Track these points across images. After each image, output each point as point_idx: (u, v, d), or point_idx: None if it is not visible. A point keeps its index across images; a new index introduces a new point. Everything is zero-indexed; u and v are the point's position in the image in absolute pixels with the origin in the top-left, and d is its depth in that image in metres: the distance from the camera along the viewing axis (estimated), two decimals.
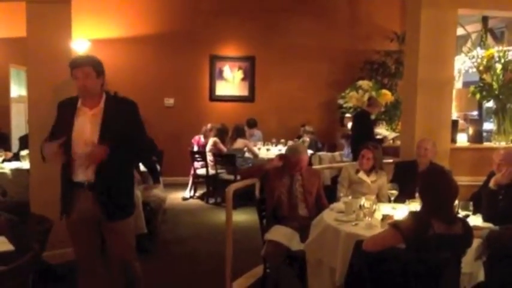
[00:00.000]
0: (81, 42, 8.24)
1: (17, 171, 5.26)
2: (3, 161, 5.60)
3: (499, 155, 3.55)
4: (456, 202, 2.65)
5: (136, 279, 3.09)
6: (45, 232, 2.86)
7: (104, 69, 2.96)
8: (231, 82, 9.46)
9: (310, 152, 7.80)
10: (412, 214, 2.58)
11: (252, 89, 9.54)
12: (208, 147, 7.51)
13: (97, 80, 2.89)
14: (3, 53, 7.57)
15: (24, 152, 5.44)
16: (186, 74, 9.12)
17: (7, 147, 6.09)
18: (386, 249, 2.63)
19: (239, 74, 9.47)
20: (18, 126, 7.59)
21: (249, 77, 9.50)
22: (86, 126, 2.88)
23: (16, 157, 5.73)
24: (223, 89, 9.44)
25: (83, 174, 2.87)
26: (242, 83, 9.51)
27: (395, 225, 2.52)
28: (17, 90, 8.02)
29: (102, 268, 3.05)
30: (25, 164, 5.26)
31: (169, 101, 9.01)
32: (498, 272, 2.79)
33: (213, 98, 9.41)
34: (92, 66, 2.87)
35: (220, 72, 9.39)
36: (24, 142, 5.56)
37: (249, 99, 9.54)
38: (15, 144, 6.59)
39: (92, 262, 3.01)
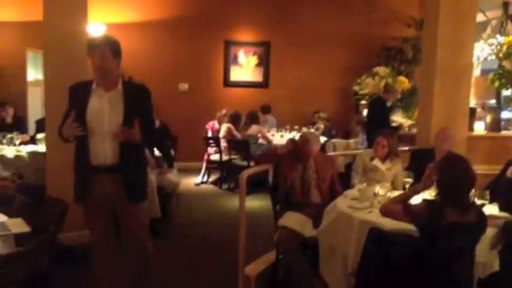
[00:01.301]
0: (96, 26, 8.25)
1: (33, 155, 5.33)
2: (20, 143, 5.67)
3: None
4: (473, 191, 2.62)
5: (149, 258, 3.14)
6: (61, 214, 2.91)
7: (120, 50, 2.98)
8: (245, 67, 9.42)
9: (324, 138, 7.78)
10: (426, 202, 2.57)
11: (266, 74, 9.49)
12: (222, 133, 7.52)
13: (113, 61, 2.90)
14: (20, 36, 7.64)
15: (40, 136, 5.50)
16: (201, 59, 9.11)
17: (24, 131, 6.16)
18: (400, 237, 2.63)
19: (254, 60, 9.42)
20: (35, 110, 7.67)
21: (264, 62, 9.44)
22: (104, 106, 2.88)
23: (33, 140, 5.80)
24: (237, 74, 9.40)
25: (104, 157, 2.87)
26: (257, 68, 9.47)
27: (409, 209, 2.53)
28: (34, 74, 8.09)
29: (116, 251, 3.07)
30: (41, 148, 5.32)
31: (184, 86, 9.01)
32: None
33: (228, 83, 9.39)
34: (109, 46, 2.89)
35: (235, 57, 9.35)
36: (40, 126, 5.62)
37: (264, 85, 9.49)
38: (31, 128, 6.66)
39: (107, 246, 3.03)
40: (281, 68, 9.43)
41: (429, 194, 2.88)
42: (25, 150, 5.41)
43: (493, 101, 6.75)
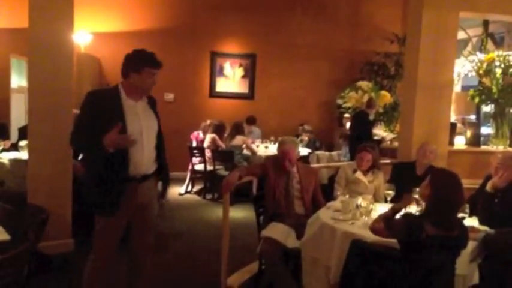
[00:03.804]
0: (82, 34, 8.23)
1: (15, 162, 5.26)
2: (2, 150, 5.59)
3: (497, 159, 3.56)
4: None
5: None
6: (42, 223, 2.88)
7: None
8: (231, 79, 9.46)
9: (308, 151, 7.84)
10: (405, 216, 2.58)
11: (252, 86, 9.55)
12: (206, 143, 7.52)
13: None
14: (4, 43, 7.55)
15: (22, 143, 5.44)
16: (187, 70, 9.12)
17: (6, 138, 6.08)
18: (381, 249, 2.65)
19: (240, 71, 9.48)
20: (18, 117, 7.58)
21: (250, 74, 9.50)
22: (140, 117, 2.93)
23: (15, 147, 5.73)
24: (223, 85, 9.44)
25: (142, 166, 2.91)
26: (242, 80, 9.52)
27: (389, 225, 2.55)
28: (17, 80, 8.00)
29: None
30: (23, 155, 5.26)
31: (169, 96, 9.01)
32: (493, 275, 2.80)
33: (213, 94, 9.41)
34: None
35: (221, 69, 9.39)
36: (23, 133, 5.56)
37: (249, 96, 9.54)
38: (14, 135, 6.58)
39: (112, 254, 2.97)
40: (266, 80, 9.49)
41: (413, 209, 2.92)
42: (7, 157, 5.34)
43: (473, 117, 6.90)
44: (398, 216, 2.70)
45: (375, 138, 7.36)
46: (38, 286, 3.22)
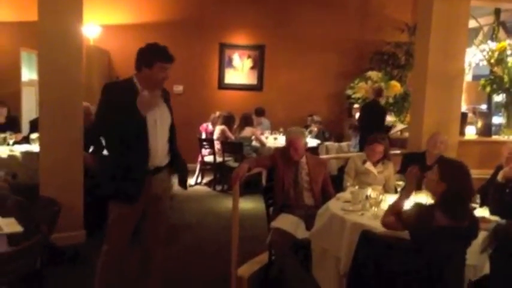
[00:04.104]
0: (92, 27, 8.25)
1: (27, 154, 5.30)
2: (14, 143, 5.65)
3: (508, 149, 3.54)
4: None
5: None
6: (54, 215, 2.91)
7: None
8: (240, 70, 9.45)
9: (317, 141, 7.83)
10: (415, 206, 2.58)
11: (260, 77, 9.52)
12: (215, 135, 7.54)
13: None
14: (14, 36, 7.60)
15: (34, 136, 5.49)
16: (196, 62, 9.12)
17: (17, 131, 6.14)
18: (391, 240, 2.65)
19: (248, 63, 9.45)
20: (29, 110, 7.64)
21: (258, 65, 9.47)
22: (158, 111, 2.97)
23: (26, 140, 5.79)
24: (232, 77, 9.43)
25: (157, 157, 2.96)
26: (251, 71, 9.49)
27: (400, 216, 2.55)
28: (28, 74, 8.06)
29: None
30: (35, 147, 5.31)
31: (179, 88, 9.02)
32: (504, 265, 2.79)
33: (222, 86, 9.41)
34: None
35: (230, 60, 9.38)
36: (34, 126, 5.60)
37: (258, 88, 9.52)
38: (25, 128, 6.64)
39: (126, 245, 3.00)
40: (275, 71, 9.46)
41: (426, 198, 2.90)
42: (18, 150, 5.39)
43: (484, 106, 6.84)
44: (407, 204, 2.70)
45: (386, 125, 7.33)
46: (50, 278, 3.26)
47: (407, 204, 2.75)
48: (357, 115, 8.15)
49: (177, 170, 3.20)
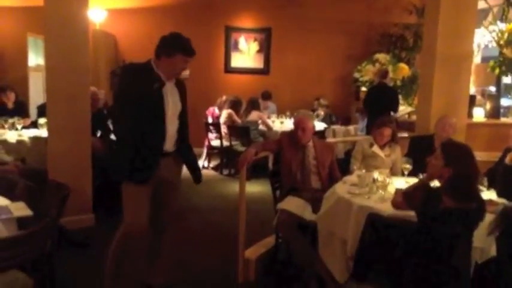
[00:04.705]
0: (97, 11, 8.23)
1: (35, 139, 5.34)
2: (22, 128, 5.69)
3: None
4: None
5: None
6: (63, 199, 2.94)
7: None
8: (246, 54, 9.40)
9: (324, 125, 7.81)
10: (422, 186, 2.58)
11: (267, 61, 9.47)
12: (222, 119, 7.54)
13: None
14: (20, 21, 7.61)
15: (42, 120, 5.52)
16: (202, 45, 8.92)
17: (25, 115, 6.17)
18: (397, 223, 2.66)
19: (254, 46, 9.39)
20: (36, 94, 7.68)
21: (265, 49, 9.42)
22: (169, 94, 3.00)
23: (34, 125, 5.83)
24: (238, 60, 9.38)
25: (170, 145, 3.04)
26: (257, 55, 9.44)
27: (406, 194, 2.55)
28: (35, 59, 8.08)
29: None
30: (43, 132, 5.34)
31: (185, 72, 8.94)
32: (510, 248, 2.79)
33: (228, 69, 9.38)
34: None
35: (236, 43, 9.32)
36: (42, 111, 5.63)
37: (264, 71, 9.48)
38: (33, 113, 6.68)
39: (145, 223, 3.00)
40: (282, 55, 9.40)
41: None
42: (27, 134, 5.43)
43: (493, 88, 6.77)
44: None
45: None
46: (61, 260, 3.31)
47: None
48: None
49: (191, 165, 3.28)
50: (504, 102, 6.61)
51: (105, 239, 3.11)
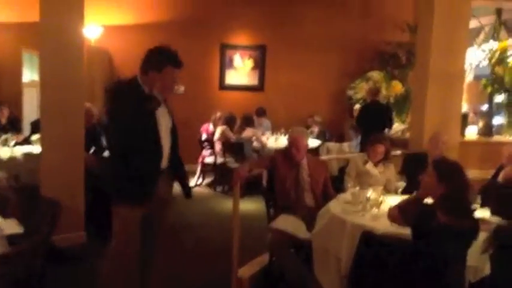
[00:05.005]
0: (93, 27, 8.26)
1: (28, 156, 5.32)
2: (15, 144, 5.66)
3: (509, 149, 3.53)
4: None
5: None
6: (55, 216, 2.91)
7: None
8: (241, 71, 9.44)
9: (318, 142, 7.82)
10: (417, 201, 2.59)
11: (262, 78, 9.51)
12: (216, 136, 7.53)
13: None
14: (15, 37, 7.61)
15: (35, 137, 5.50)
16: (197, 62, 9.09)
17: (19, 132, 6.15)
18: (391, 241, 2.65)
19: (249, 63, 9.45)
20: (30, 110, 7.65)
21: (259, 66, 9.47)
22: (162, 115, 2.94)
23: (27, 141, 5.79)
24: (233, 77, 9.42)
25: (165, 161, 2.98)
26: (252, 72, 9.49)
27: (401, 208, 2.56)
28: (29, 74, 8.07)
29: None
30: (36, 149, 5.32)
31: (180, 89, 8.99)
32: (504, 267, 2.79)
33: (223, 86, 9.40)
34: None
35: (231, 60, 9.37)
36: (35, 127, 5.61)
37: (259, 88, 9.51)
38: (26, 129, 6.65)
39: (137, 253, 2.97)
40: (276, 72, 9.45)
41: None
42: (20, 151, 5.40)
43: (485, 106, 6.82)
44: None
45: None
46: (50, 278, 3.26)
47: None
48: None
49: (181, 181, 3.23)
50: (496, 120, 6.66)
51: (97, 256, 3.07)
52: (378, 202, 3.18)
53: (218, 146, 7.43)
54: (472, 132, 5.73)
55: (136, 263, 3.01)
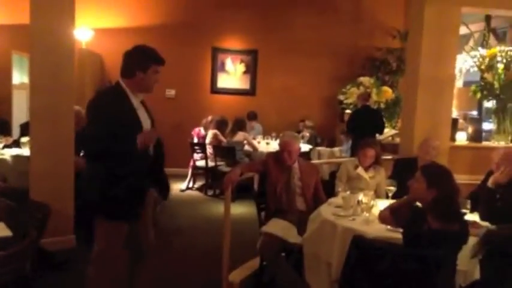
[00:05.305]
0: (84, 30, 8.22)
1: (17, 158, 5.26)
2: (4, 147, 5.60)
3: (498, 154, 3.56)
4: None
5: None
6: (43, 219, 2.88)
7: None
8: (232, 75, 9.45)
9: (309, 146, 7.84)
10: (410, 204, 2.61)
11: (253, 82, 9.53)
12: (208, 139, 7.52)
13: None
14: (5, 39, 7.55)
15: (24, 139, 5.44)
16: (188, 66, 9.11)
17: (8, 134, 6.09)
18: (382, 245, 2.66)
19: (241, 67, 9.46)
20: (20, 113, 7.59)
21: (251, 70, 9.48)
22: (143, 118, 2.86)
23: (16, 144, 5.74)
24: (224, 81, 9.43)
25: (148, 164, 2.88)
26: (244, 76, 9.50)
27: (393, 211, 2.58)
28: (19, 77, 8.01)
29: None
30: (25, 151, 5.26)
31: (171, 92, 9.00)
32: (493, 271, 2.81)
33: (215, 90, 9.41)
34: None
35: (222, 64, 9.38)
36: (24, 129, 5.56)
37: (250, 92, 9.53)
38: (16, 132, 6.59)
39: (121, 250, 2.91)
40: (268, 76, 9.47)
41: None
42: (8, 153, 5.35)
43: (474, 112, 6.89)
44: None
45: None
46: (40, 282, 3.23)
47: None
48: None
49: (162, 184, 3.14)
50: (486, 126, 6.72)
51: (86, 260, 3.04)
52: (369, 206, 3.19)
53: (209, 150, 7.42)
54: (461, 139, 5.78)
55: (123, 265, 2.97)
